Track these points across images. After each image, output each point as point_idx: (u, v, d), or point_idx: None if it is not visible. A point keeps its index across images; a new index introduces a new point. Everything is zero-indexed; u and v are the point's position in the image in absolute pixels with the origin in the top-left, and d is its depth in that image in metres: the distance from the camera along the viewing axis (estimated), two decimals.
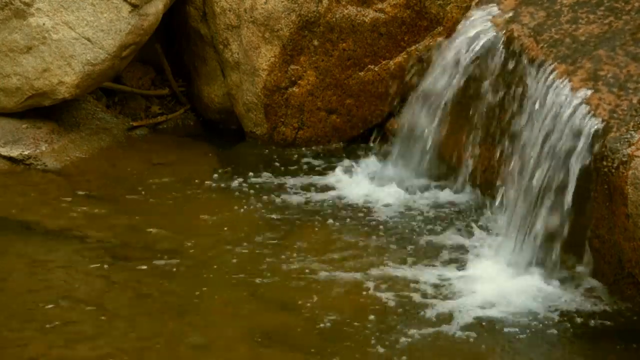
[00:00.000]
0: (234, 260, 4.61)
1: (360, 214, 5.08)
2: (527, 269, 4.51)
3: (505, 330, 4.13)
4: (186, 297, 4.31)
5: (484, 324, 4.16)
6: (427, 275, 4.51)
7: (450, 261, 4.63)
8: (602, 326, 4.19)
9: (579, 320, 4.21)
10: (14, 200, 5.11)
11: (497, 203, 4.93)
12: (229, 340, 4.03)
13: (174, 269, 4.52)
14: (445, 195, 5.27)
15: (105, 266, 4.53)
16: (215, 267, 4.55)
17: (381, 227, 4.96)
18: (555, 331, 4.14)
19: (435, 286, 4.43)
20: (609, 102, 4.42)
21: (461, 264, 4.61)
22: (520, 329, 4.13)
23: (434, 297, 4.34)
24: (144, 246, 4.72)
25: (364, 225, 4.97)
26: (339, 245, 4.79)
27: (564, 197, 4.43)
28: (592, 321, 4.21)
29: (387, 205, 5.17)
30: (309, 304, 4.28)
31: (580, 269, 4.48)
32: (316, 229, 4.94)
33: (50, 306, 4.20)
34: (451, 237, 4.85)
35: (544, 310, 4.27)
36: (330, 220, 5.02)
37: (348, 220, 5.03)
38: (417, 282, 4.46)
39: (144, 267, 4.53)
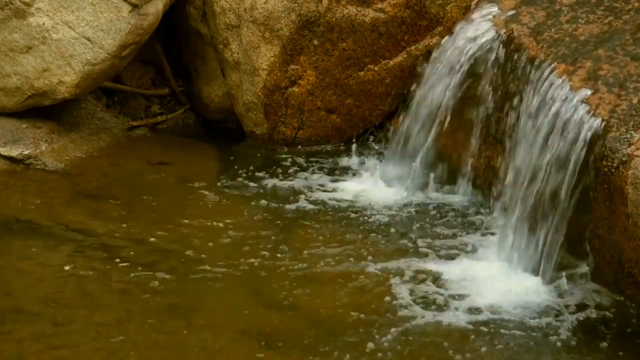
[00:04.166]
0: (234, 260, 4.61)
1: (361, 214, 5.08)
2: (527, 268, 4.51)
3: (504, 329, 4.13)
4: (186, 296, 4.31)
5: (483, 322, 4.16)
6: (428, 274, 4.51)
7: (450, 261, 4.63)
8: (602, 326, 4.19)
9: (578, 320, 4.21)
10: (14, 200, 5.11)
11: (497, 202, 4.93)
12: (229, 340, 4.03)
13: (174, 269, 4.52)
14: (445, 195, 5.27)
15: (105, 266, 4.53)
16: (215, 266, 4.55)
17: (381, 226, 4.96)
18: (554, 331, 4.13)
19: (436, 285, 4.42)
20: (609, 102, 4.42)
21: (461, 264, 4.61)
22: (519, 329, 4.13)
23: (434, 297, 4.34)
24: (144, 246, 4.72)
25: (364, 225, 4.97)
26: (339, 244, 4.78)
27: (564, 196, 4.43)
28: (592, 321, 4.21)
29: (387, 205, 5.17)
30: (309, 304, 4.28)
31: (580, 268, 4.48)
32: (316, 228, 4.94)
33: (49, 306, 4.20)
34: (451, 237, 4.85)
35: (543, 309, 4.27)
36: (331, 220, 5.02)
37: (348, 219, 5.03)
38: (417, 281, 4.46)
39: (144, 266, 4.53)
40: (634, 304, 4.29)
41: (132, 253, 4.65)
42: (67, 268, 4.52)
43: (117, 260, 4.58)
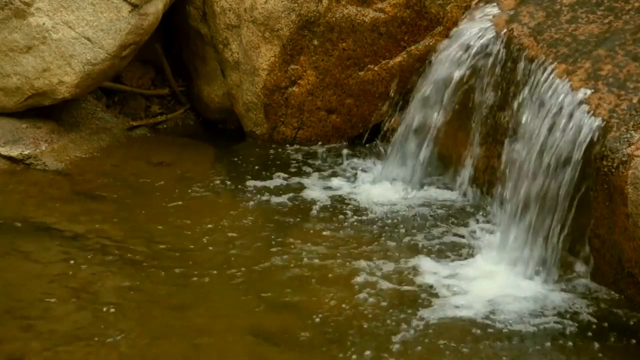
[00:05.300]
0: (234, 260, 4.61)
1: (361, 214, 5.08)
2: (526, 268, 4.51)
3: (503, 328, 4.13)
4: (186, 296, 4.31)
5: (482, 322, 4.16)
6: (428, 274, 4.51)
7: (450, 260, 4.63)
8: (601, 326, 4.19)
9: (578, 319, 4.21)
10: (14, 200, 5.11)
11: (497, 202, 4.93)
12: (229, 340, 4.03)
13: (174, 269, 4.52)
14: (446, 194, 5.27)
15: (105, 266, 4.53)
16: (214, 266, 4.55)
17: (381, 226, 4.96)
18: (554, 330, 4.14)
19: (435, 285, 4.43)
20: (608, 102, 4.42)
21: (461, 263, 4.61)
22: (519, 328, 4.13)
23: (434, 296, 4.34)
24: (144, 246, 4.72)
25: (364, 225, 4.97)
26: (339, 244, 4.79)
27: (564, 196, 4.43)
28: (592, 321, 4.21)
29: (387, 205, 5.17)
30: (309, 303, 4.28)
31: (580, 268, 4.49)
32: (316, 228, 4.94)
33: (49, 306, 4.20)
34: (451, 236, 4.85)
35: (542, 309, 4.27)
36: (331, 220, 5.02)
37: (348, 219, 5.03)
38: (417, 280, 4.46)
39: (144, 266, 4.53)
40: (634, 304, 4.29)
41: (131, 253, 4.65)
42: (66, 268, 4.52)
43: (117, 260, 4.58)
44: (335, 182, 5.42)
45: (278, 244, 4.78)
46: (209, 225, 4.93)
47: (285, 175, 5.49)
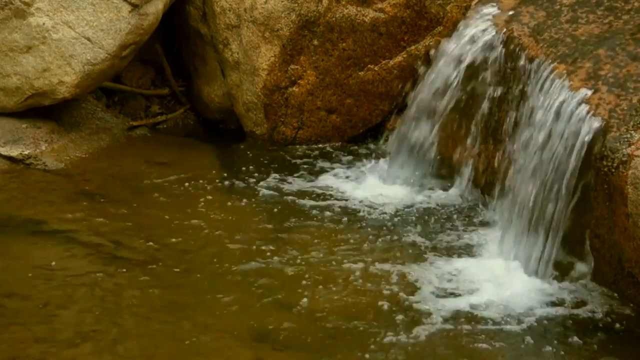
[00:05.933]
0: (234, 260, 4.61)
1: (361, 214, 5.08)
2: (527, 267, 4.51)
3: (504, 328, 4.13)
4: (186, 296, 4.31)
5: (483, 321, 4.16)
6: (428, 273, 4.51)
7: (450, 260, 4.64)
8: (601, 326, 4.19)
9: (578, 319, 4.21)
10: (14, 199, 5.11)
11: (497, 202, 4.93)
12: (229, 340, 4.03)
13: (174, 269, 4.52)
14: (446, 194, 5.27)
15: (105, 266, 4.53)
16: (215, 266, 4.55)
17: (381, 226, 4.96)
18: (554, 330, 4.14)
19: (436, 285, 4.43)
20: (608, 102, 4.42)
21: (461, 263, 4.61)
22: (519, 328, 4.13)
23: (435, 296, 4.34)
24: (144, 246, 4.72)
25: (364, 225, 4.97)
26: (340, 244, 4.78)
27: (564, 196, 4.43)
28: (592, 321, 4.22)
29: (387, 205, 5.17)
30: (309, 304, 4.28)
31: (580, 268, 4.48)
32: (316, 228, 4.94)
33: (49, 306, 4.20)
34: (451, 236, 4.85)
35: (543, 309, 4.27)
36: (331, 220, 5.02)
37: (348, 219, 5.03)
38: (418, 280, 4.46)
39: (144, 267, 4.53)
40: (634, 304, 4.29)
41: (132, 253, 4.65)
42: (66, 268, 4.52)
43: (117, 259, 4.58)
44: (335, 182, 5.42)
45: (278, 244, 4.78)
46: (209, 225, 4.93)
47: (285, 176, 5.49)
